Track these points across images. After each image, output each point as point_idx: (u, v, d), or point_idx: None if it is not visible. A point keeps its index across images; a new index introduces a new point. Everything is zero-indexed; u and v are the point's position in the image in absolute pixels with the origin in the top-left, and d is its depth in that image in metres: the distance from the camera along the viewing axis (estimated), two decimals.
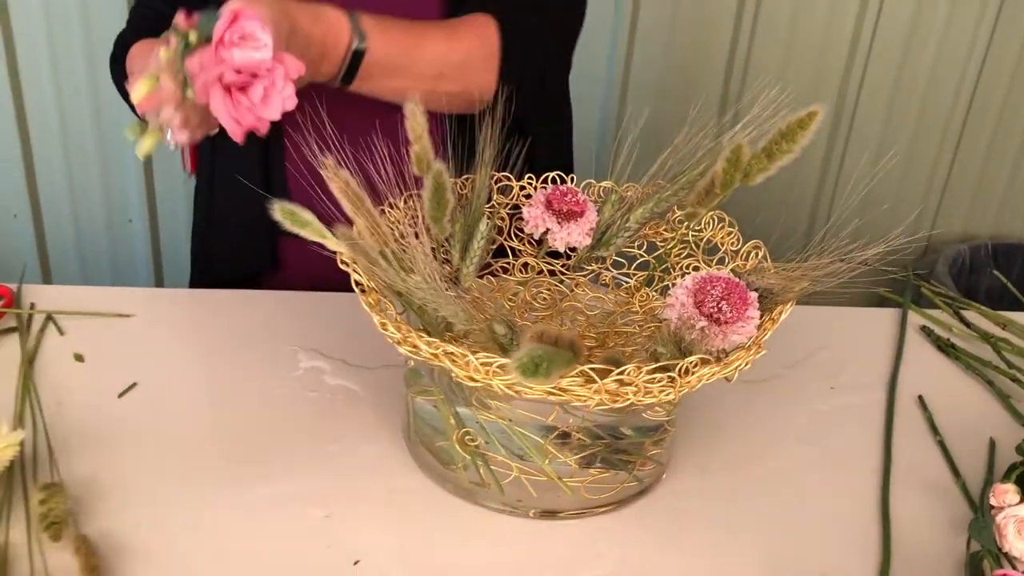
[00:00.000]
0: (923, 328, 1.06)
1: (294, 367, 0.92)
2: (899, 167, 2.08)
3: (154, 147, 0.79)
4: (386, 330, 0.68)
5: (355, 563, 0.71)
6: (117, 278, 1.95)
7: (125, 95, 1.09)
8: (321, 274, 1.08)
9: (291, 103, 0.75)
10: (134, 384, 0.87)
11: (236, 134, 0.74)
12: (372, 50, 0.88)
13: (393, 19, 0.92)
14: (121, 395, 0.86)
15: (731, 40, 1.89)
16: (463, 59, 0.95)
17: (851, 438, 0.89)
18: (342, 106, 0.88)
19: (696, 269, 0.85)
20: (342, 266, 0.72)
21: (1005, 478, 0.77)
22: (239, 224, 1.12)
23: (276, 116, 0.74)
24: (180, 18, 0.75)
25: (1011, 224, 2.21)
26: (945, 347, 1.02)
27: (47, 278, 1.93)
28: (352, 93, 0.91)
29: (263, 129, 0.75)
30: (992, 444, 0.88)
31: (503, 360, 0.62)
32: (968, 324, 1.06)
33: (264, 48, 0.72)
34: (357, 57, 0.88)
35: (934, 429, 0.90)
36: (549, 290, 0.89)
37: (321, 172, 0.71)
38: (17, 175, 1.85)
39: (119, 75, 1.10)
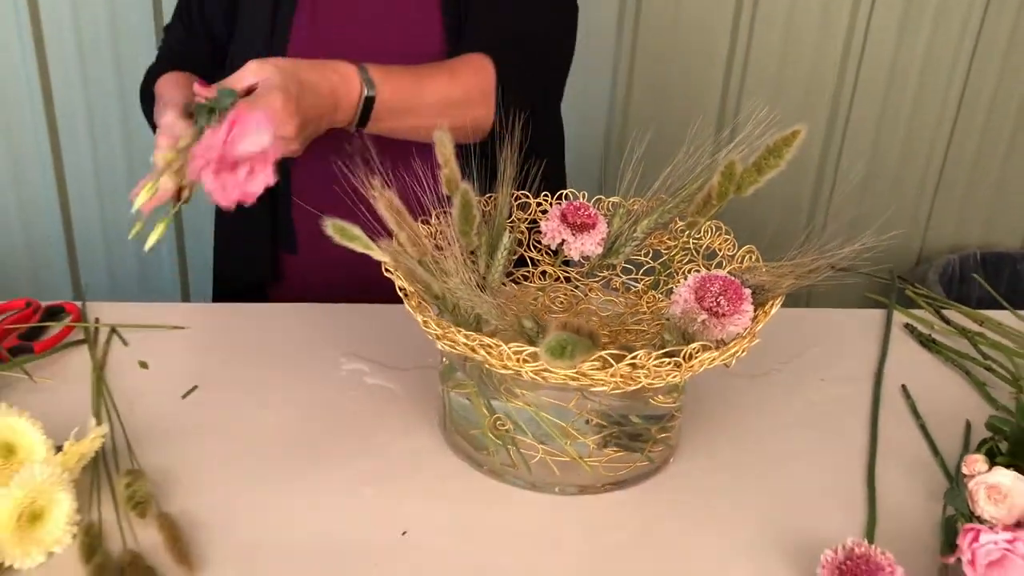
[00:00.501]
0: (907, 326, 1.16)
1: (336, 370, 1.02)
2: (889, 181, 2.19)
3: (161, 236, 0.85)
4: (428, 327, 0.78)
5: (403, 533, 0.80)
6: (144, 294, 2.05)
7: (152, 122, 1.22)
8: (320, 285, 1.19)
9: (272, 180, 0.79)
10: (195, 387, 0.97)
11: (225, 205, 0.80)
12: (381, 96, 0.98)
13: (397, 66, 1.02)
14: (184, 396, 0.96)
15: (727, 61, 2.00)
16: (463, 97, 1.06)
17: (841, 423, 0.98)
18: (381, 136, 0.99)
19: (697, 272, 0.95)
20: (386, 274, 0.82)
21: (976, 450, 0.87)
22: (245, 239, 1.24)
23: (260, 191, 0.80)
24: (199, 87, 0.84)
25: (998, 234, 2.31)
26: (927, 342, 1.12)
27: (78, 295, 2.03)
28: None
29: (249, 200, 0.80)
30: (968, 425, 0.98)
31: (532, 348, 0.72)
32: (948, 321, 1.16)
33: (264, 141, 0.77)
34: (369, 103, 0.98)
35: (916, 414, 0.99)
36: (566, 295, 0.99)
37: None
38: (53, 208, 1.96)
39: (148, 102, 1.22)
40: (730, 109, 2.04)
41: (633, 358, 0.73)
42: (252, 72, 0.86)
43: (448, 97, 1.05)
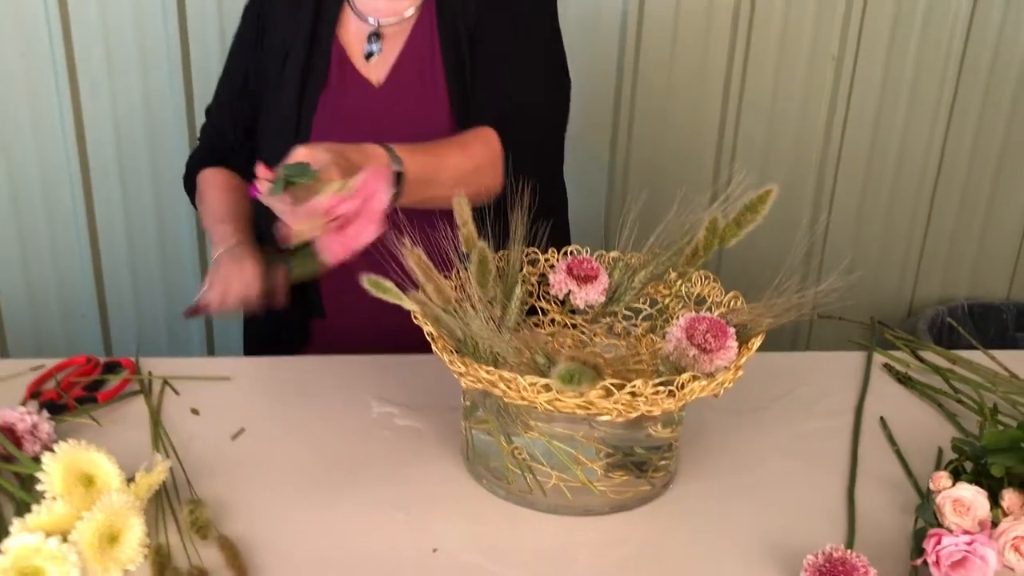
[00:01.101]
0: (885, 365, 1.27)
1: (368, 412, 1.13)
2: (877, 239, 2.31)
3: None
4: (454, 366, 0.90)
5: (433, 551, 0.91)
6: (173, 352, 2.17)
7: (195, 202, 1.35)
8: (346, 347, 1.29)
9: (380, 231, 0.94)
10: (242, 429, 1.08)
11: (339, 259, 0.94)
12: (408, 171, 1.09)
13: (417, 144, 1.14)
14: (234, 437, 1.07)
15: (718, 132, 2.14)
16: (475, 166, 1.18)
17: (824, 451, 1.09)
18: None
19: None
20: (415, 321, 0.94)
21: (943, 469, 0.97)
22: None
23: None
24: (261, 170, 0.96)
25: (985, 285, 2.42)
26: (903, 379, 1.23)
27: (108, 351, 2.15)
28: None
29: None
30: (940, 451, 1.08)
31: (545, 380, 0.84)
32: (922, 360, 1.27)
33: (386, 200, 0.93)
34: (398, 178, 1.09)
35: (892, 441, 1.10)
36: (573, 340, 1.10)
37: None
38: (88, 278, 2.09)
39: (191, 185, 1.35)
40: (722, 175, 2.18)
41: (632, 387, 0.84)
42: (304, 156, 0.98)
43: (462, 168, 1.17)
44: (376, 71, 1.30)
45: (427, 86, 1.29)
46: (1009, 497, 0.92)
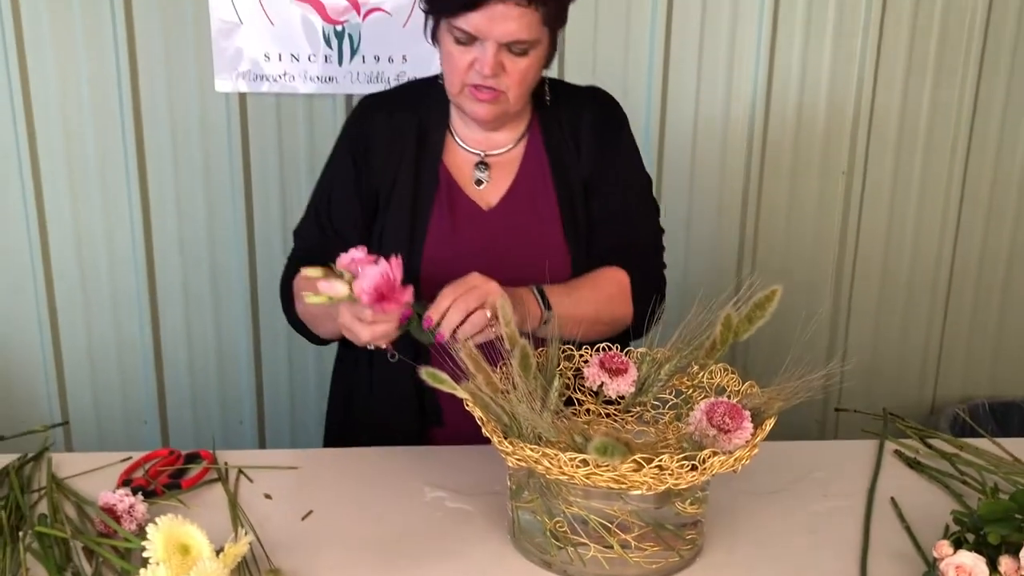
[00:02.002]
0: (896, 451, 1.37)
1: (422, 497, 1.25)
2: (896, 340, 2.42)
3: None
4: (502, 445, 1.02)
5: None
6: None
7: (289, 316, 1.47)
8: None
9: None
10: (311, 511, 1.21)
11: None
12: (556, 312, 1.28)
13: (558, 285, 1.33)
14: (303, 518, 1.19)
15: (739, 235, 2.29)
16: (609, 301, 1.37)
17: (839, 528, 1.19)
18: None
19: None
20: (467, 407, 1.07)
21: (946, 539, 1.07)
22: (393, 415, 1.45)
23: None
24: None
25: (1005, 383, 2.51)
26: (913, 464, 1.33)
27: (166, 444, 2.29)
28: None
29: None
30: (947, 527, 1.17)
31: (583, 456, 0.96)
32: (930, 446, 1.37)
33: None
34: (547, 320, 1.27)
35: (901, 518, 1.20)
36: (606, 427, 1.23)
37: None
38: (150, 388, 2.26)
39: (288, 299, 1.46)
40: (744, 281, 2.32)
41: (659, 461, 0.96)
42: (448, 298, 1.16)
43: (599, 303, 1.36)
44: (487, 196, 1.42)
45: (539, 211, 1.42)
46: (1005, 562, 1.01)
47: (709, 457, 0.98)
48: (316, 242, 1.46)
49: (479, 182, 1.43)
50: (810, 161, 2.25)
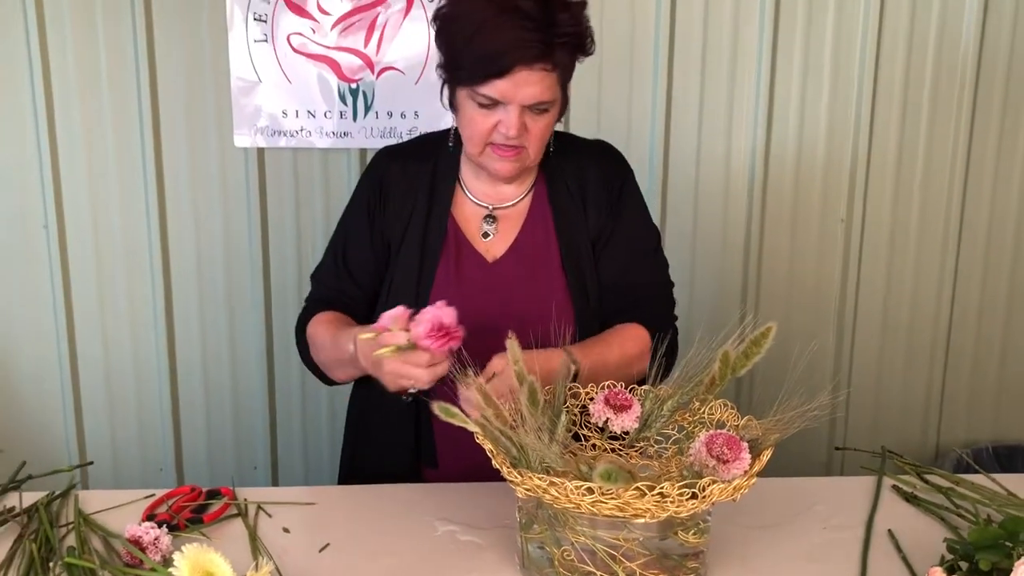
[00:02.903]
0: (894, 487, 1.41)
1: (434, 531, 1.29)
2: (898, 385, 2.46)
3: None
4: (511, 476, 1.07)
5: None
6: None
7: (305, 359, 1.53)
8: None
9: None
10: (327, 544, 1.25)
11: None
12: (583, 369, 1.32)
13: (585, 343, 1.39)
14: (321, 550, 1.24)
15: (742, 281, 2.35)
16: (630, 355, 1.41)
17: (838, 559, 1.23)
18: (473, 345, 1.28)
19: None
20: (478, 440, 1.12)
21: (940, 566, 1.11)
22: (388, 457, 1.50)
23: None
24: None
25: (1008, 428, 2.54)
26: (910, 498, 1.37)
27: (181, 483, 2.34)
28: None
29: None
30: (943, 558, 1.21)
31: (589, 484, 1.01)
32: (927, 481, 1.42)
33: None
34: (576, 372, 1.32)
35: (898, 548, 1.24)
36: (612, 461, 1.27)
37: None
38: (167, 434, 2.31)
39: (303, 344, 1.52)
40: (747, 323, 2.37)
41: (661, 488, 1.01)
42: (497, 367, 1.23)
43: (623, 357, 1.41)
44: (492, 248, 1.48)
45: (542, 266, 1.47)
46: None
47: (709, 485, 1.03)
48: (334, 286, 1.53)
49: (486, 235, 1.49)
50: (809, 210, 2.32)
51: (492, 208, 1.49)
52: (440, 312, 1.20)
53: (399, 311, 1.23)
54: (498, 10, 1.30)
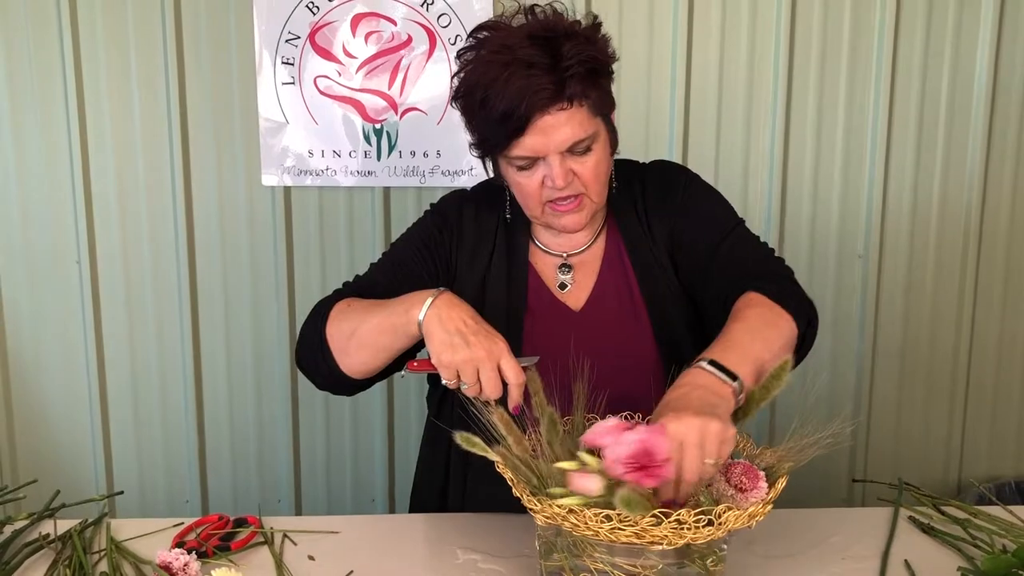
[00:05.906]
0: (911, 518, 1.42)
1: (455, 559, 1.32)
2: (919, 421, 2.46)
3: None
4: (531, 504, 1.10)
5: None
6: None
7: (313, 346, 1.41)
8: None
9: None
10: (351, 572, 1.28)
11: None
12: (746, 386, 1.16)
13: (727, 346, 1.19)
14: None
15: None
16: (786, 338, 1.26)
17: None
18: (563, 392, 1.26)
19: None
20: (498, 469, 1.15)
21: None
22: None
23: None
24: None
25: None
26: (927, 529, 1.38)
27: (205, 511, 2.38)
28: None
29: None
30: None
31: (607, 511, 1.03)
32: (944, 513, 1.43)
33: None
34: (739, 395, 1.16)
35: None
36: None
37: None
38: (194, 469, 2.35)
39: (318, 319, 1.38)
40: None
41: (678, 515, 1.03)
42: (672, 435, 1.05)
43: (779, 347, 1.24)
44: (574, 298, 1.43)
45: (627, 315, 1.41)
46: None
47: (724, 512, 1.05)
48: (372, 279, 1.45)
49: (563, 285, 1.44)
50: (827, 246, 2.35)
51: (567, 256, 1.46)
52: (653, 439, 1.04)
53: (607, 424, 1.09)
54: (501, 67, 1.25)
